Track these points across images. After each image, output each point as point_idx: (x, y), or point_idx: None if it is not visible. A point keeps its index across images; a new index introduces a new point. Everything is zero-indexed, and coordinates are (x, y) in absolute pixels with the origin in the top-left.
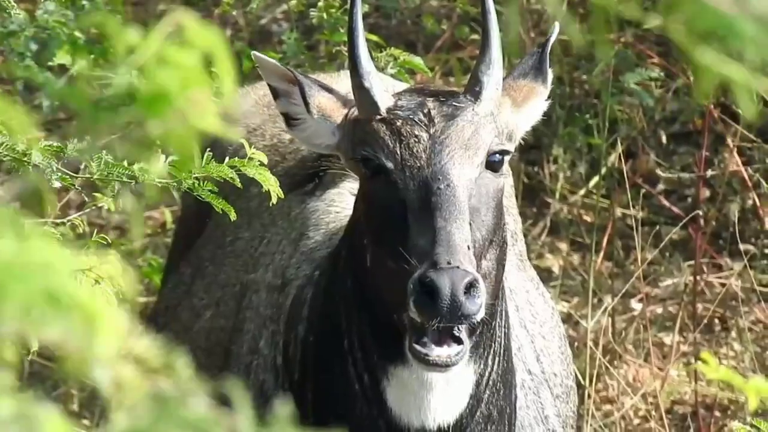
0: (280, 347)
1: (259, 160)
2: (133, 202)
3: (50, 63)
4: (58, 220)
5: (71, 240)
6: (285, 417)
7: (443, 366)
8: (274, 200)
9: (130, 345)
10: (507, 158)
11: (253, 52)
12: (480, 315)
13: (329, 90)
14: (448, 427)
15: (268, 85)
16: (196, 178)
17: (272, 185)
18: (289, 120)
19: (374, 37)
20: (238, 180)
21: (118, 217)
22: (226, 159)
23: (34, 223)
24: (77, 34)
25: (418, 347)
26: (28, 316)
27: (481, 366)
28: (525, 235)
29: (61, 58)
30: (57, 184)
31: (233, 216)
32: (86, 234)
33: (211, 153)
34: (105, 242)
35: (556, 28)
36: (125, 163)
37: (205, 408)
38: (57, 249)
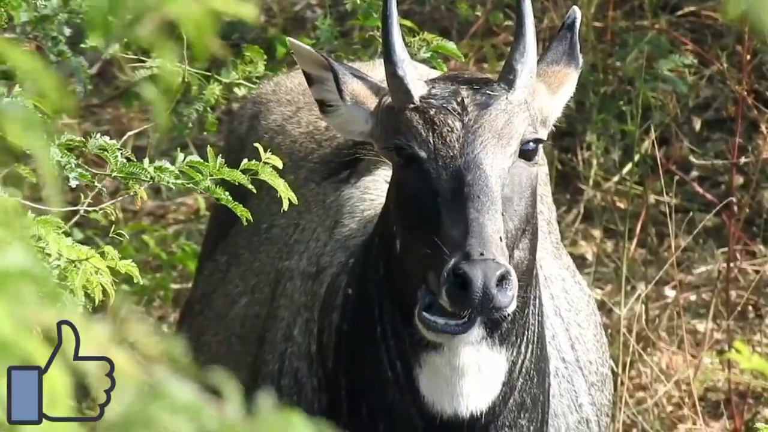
0: (314, 335)
1: (272, 165)
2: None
3: (83, 45)
4: (91, 209)
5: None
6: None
7: (451, 333)
8: (285, 206)
9: (127, 332)
10: (540, 146)
11: (289, 39)
12: (512, 307)
13: (363, 77)
14: (481, 415)
15: (303, 71)
16: (213, 181)
17: (283, 191)
18: (324, 106)
19: (408, 23)
20: (251, 185)
21: (152, 203)
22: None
23: (66, 211)
24: (110, 18)
25: (426, 315)
26: None
27: (514, 353)
28: (558, 222)
29: (94, 41)
30: (74, 183)
31: (245, 221)
32: (119, 221)
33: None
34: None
35: (577, 12)
36: (146, 161)
37: (193, 393)
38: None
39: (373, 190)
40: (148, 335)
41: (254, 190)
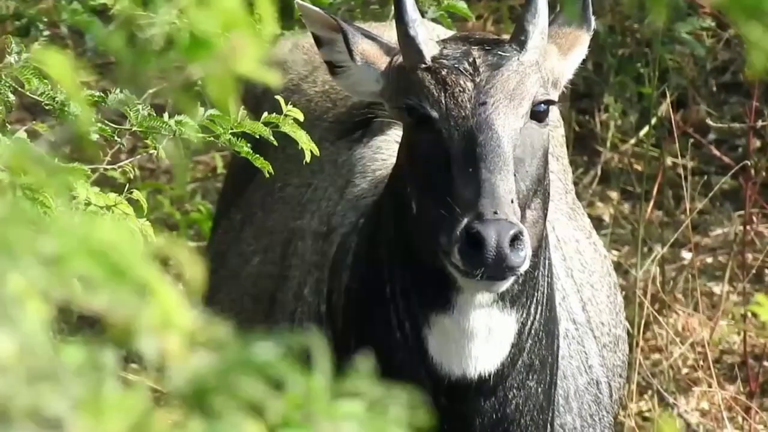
0: (324, 295)
1: (294, 117)
2: (176, 150)
3: (92, 3)
4: (109, 167)
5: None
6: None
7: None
8: (308, 158)
9: (177, 316)
10: (552, 108)
11: (297, 1)
12: (524, 267)
13: (373, 37)
14: (490, 376)
15: (312, 33)
16: (233, 134)
17: (305, 143)
18: (333, 68)
19: None
20: (273, 138)
21: (169, 161)
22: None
23: (87, 168)
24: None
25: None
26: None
27: (524, 315)
28: (576, 184)
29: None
30: (95, 137)
31: (267, 173)
32: (137, 179)
33: (244, 109)
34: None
35: None
36: (165, 116)
37: (273, 352)
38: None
39: (384, 150)
40: (196, 320)
41: (275, 143)
